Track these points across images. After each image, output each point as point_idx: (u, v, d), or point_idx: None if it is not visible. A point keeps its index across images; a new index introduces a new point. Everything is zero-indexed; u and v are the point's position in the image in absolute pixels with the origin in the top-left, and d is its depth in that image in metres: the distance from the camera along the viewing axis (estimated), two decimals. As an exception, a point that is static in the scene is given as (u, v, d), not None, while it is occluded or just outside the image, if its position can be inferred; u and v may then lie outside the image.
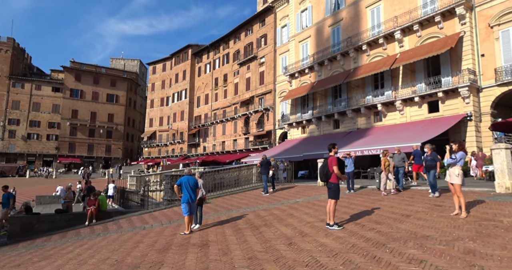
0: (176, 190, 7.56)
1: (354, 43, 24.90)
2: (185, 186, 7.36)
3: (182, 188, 7.38)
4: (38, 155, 55.70)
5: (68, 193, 12.47)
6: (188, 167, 7.76)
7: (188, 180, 7.45)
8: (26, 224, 9.53)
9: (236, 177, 14.26)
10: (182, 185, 7.39)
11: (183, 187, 7.37)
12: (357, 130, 24.74)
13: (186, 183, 7.39)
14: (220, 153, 42.03)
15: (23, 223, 9.52)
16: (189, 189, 7.33)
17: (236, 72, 41.84)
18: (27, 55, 62.75)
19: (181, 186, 7.38)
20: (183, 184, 7.39)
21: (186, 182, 7.41)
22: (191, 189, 7.34)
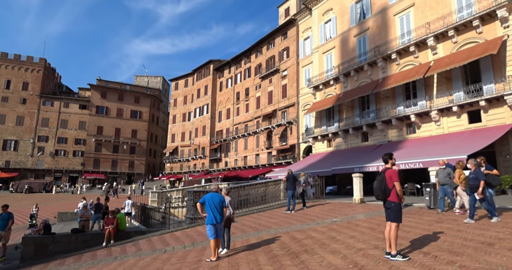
0: (199, 209, 6.61)
1: (382, 52, 23.78)
2: (208, 204, 6.42)
3: (205, 207, 6.48)
4: (64, 171, 56.95)
5: (85, 211, 11.86)
6: (215, 183, 6.80)
7: (212, 197, 6.52)
8: (41, 245, 8.90)
9: (262, 193, 13.23)
10: (205, 203, 6.49)
11: (207, 205, 6.43)
12: (388, 143, 23.21)
13: (209, 200, 6.46)
14: (242, 168, 41.14)
15: (37, 244, 8.89)
16: (213, 208, 6.39)
17: (258, 86, 41.42)
18: (57, 74, 65.60)
19: (206, 204, 6.46)
20: (207, 202, 6.45)
21: (209, 199, 6.47)
22: (215, 208, 6.41)
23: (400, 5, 23.47)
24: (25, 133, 56.11)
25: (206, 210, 6.43)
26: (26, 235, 9.54)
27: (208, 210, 6.39)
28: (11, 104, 55.92)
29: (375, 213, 9.40)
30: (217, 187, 6.91)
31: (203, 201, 6.53)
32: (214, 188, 6.89)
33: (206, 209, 6.43)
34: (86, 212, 11.78)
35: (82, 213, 11.70)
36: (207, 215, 6.39)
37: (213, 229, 6.32)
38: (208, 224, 6.35)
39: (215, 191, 6.72)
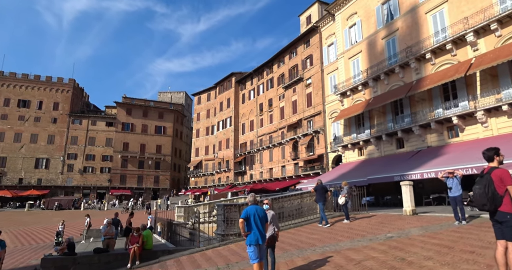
0: (242, 226, 5.36)
1: (415, 52, 22.32)
2: (253, 221, 5.28)
3: (249, 223, 5.31)
4: (92, 187, 57.89)
5: (109, 228, 11.18)
6: (252, 194, 5.61)
7: (257, 211, 5.42)
8: (61, 267, 8.16)
9: (298, 205, 12.04)
10: (249, 218, 5.31)
11: (251, 221, 5.28)
12: (427, 149, 21.39)
13: (254, 215, 5.32)
14: (268, 180, 39.91)
15: (57, 266, 8.17)
16: (259, 225, 5.29)
17: (281, 96, 40.59)
18: (85, 93, 67.99)
19: (249, 220, 5.33)
20: (251, 217, 5.31)
21: (254, 214, 5.34)
22: (261, 225, 5.32)
23: (432, 2, 22.09)
24: (55, 151, 57.87)
25: (249, 227, 5.30)
26: (45, 255, 8.87)
27: (253, 226, 5.25)
28: (43, 124, 58.11)
29: (436, 227, 8.01)
30: (254, 197, 5.81)
31: (246, 216, 5.35)
32: (251, 199, 5.76)
33: (250, 225, 5.30)
34: (110, 229, 11.04)
35: (106, 230, 10.95)
36: (251, 233, 5.24)
37: (257, 251, 5.18)
38: (251, 245, 5.19)
39: (255, 203, 5.66)
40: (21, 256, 14.29)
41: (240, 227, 5.45)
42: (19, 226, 31.27)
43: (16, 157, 56.08)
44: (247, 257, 7.55)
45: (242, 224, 5.37)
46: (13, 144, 56.13)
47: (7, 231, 27.63)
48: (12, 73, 58.83)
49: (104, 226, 11.02)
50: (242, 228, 5.39)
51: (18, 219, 37.04)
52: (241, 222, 5.38)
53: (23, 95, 58.26)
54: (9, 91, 57.70)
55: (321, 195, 11.22)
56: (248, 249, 5.25)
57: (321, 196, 11.18)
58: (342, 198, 10.83)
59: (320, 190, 11.39)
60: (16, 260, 13.02)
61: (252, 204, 5.62)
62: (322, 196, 11.18)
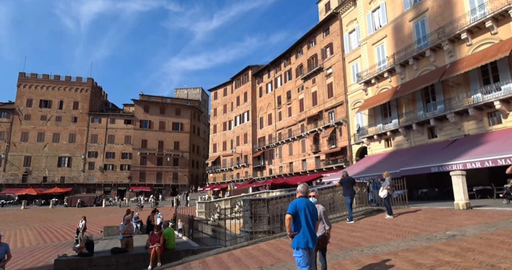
0: (288, 224, 4.19)
1: (448, 33, 20.53)
2: (304, 217, 4.17)
3: (297, 221, 4.19)
4: (113, 184, 58.54)
5: (128, 226, 10.40)
6: (304, 183, 4.46)
7: (307, 205, 4.32)
8: (75, 269, 7.47)
9: (330, 200, 10.94)
10: (298, 214, 4.19)
11: (301, 218, 4.16)
12: (464, 138, 19.68)
13: (305, 210, 4.21)
14: (288, 174, 38.80)
15: (71, 268, 7.47)
16: (310, 223, 4.18)
17: (300, 88, 39.23)
18: (104, 92, 68.71)
19: (297, 216, 4.20)
20: (300, 212, 4.19)
21: (304, 208, 4.22)
22: (312, 223, 4.24)
23: (467, -24, 20.19)
24: (77, 150, 58.79)
25: (298, 225, 4.20)
26: (59, 256, 8.18)
27: (303, 225, 4.14)
28: (64, 123, 59.09)
29: (506, 224, 6.73)
30: (305, 188, 4.64)
31: (294, 211, 4.19)
32: (302, 190, 4.52)
33: (299, 223, 4.19)
34: (129, 227, 10.36)
35: (125, 228, 10.15)
36: (300, 232, 4.14)
37: (307, 256, 4.09)
38: (299, 248, 4.09)
39: (305, 196, 4.57)
40: (42, 253, 13.92)
41: (286, 225, 4.32)
42: (44, 223, 31.61)
43: (40, 156, 57.33)
44: (282, 258, 6.55)
45: (289, 221, 4.15)
46: (36, 143, 57.38)
47: (32, 228, 27.87)
48: (33, 74, 60.02)
49: (122, 223, 10.23)
50: (289, 226, 4.17)
51: (43, 216, 37.62)
52: (289, 218, 4.15)
53: (44, 95, 59.36)
54: (31, 92, 58.91)
55: (348, 188, 10.16)
56: (295, 253, 4.16)
57: (348, 189, 10.12)
58: (383, 191, 9.65)
59: (347, 182, 10.30)
60: (36, 258, 12.60)
61: (302, 196, 4.49)
62: (349, 189, 10.12)
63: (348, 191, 10.15)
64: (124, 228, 9.84)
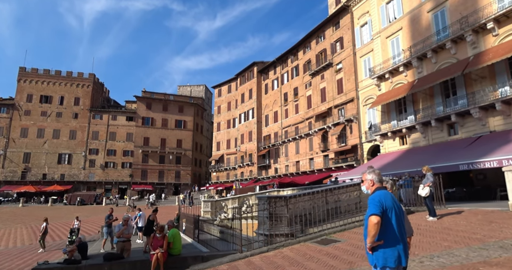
0: (376, 231, 2.77)
1: (472, 23, 19.18)
2: (395, 220, 2.85)
3: (386, 225, 2.84)
4: (114, 182, 57.36)
5: (124, 228, 8.52)
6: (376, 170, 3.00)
7: (394, 202, 2.94)
8: (60, 279, 6.23)
9: (356, 198, 9.66)
10: (386, 215, 2.84)
11: (392, 221, 2.85)
12: (490, 134, 18.32)
13: (392, 210, 2.88)
14: (295, 174, 37.48)
15: (54, 278, 6.22)
16: (402, 229, 2.89)
17: (308, 84, 37.90)
18: (105, 89, 67.58)
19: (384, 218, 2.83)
20: (389, 212, 2.86)
21: (392, 207, 2.88)
22: (404, 228, 2.92)
23: (494, -38, 18.82)
24: (77, 147, 57.65)
25: (385, 232, 2.82)
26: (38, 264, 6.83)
27: (395, 232, 2.82)
28: (65, 119, 57.97)
29: None
30: (380, 176, 3.17)
31: (380, 211, 2.81)
32: (374, 177, 3.13)
33: (386, 230, 2.83)
34: (126, 229, 8.68)
35: (121, 230, 8.49)
36: (385, 243, 2.78)
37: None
38: (387, 267, 2.75)
39: (383, 187, 3.11)
40: (32, 255, 12.70)
41: (371, 232, 2.77)
42: (41, 221, 30.44)
43: (40, 152, 56.23)
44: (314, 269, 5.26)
45: (378, 226, 2.74)
46: (36, 140, 56.28)
47: (28, 227, 26.69)
48: (34, 69, 58.95)
49: (119, 224, 8.74)
50: (375, 234, 2.75)
51: (41, 214, 36.37)
52: (377, 222, 2.74)
53: (45, 91, 58.26)
54: (31, 87, 57.83)
55: None
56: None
57: None
58: (425, 188, 8.35)
59: None
60: (24, 261, 11.37)
61: (380, 187, 3.09)
62: None
63: None
64: (120, 229, 8.43)
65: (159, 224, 7.81)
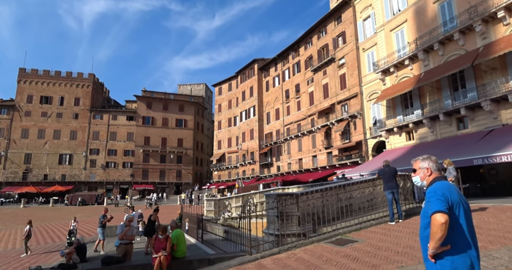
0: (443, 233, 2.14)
1: (482, 12, 18.54)
2: (464, 219, 2.25)
3: (454, 225, 2.22)
4: (115, 182, 56.92)
5: (127, 230, 7.82)
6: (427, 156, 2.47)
7: (461, 197, 2.31)
8: (51, 286, 5.73)
9: (370, 195, 9.10)
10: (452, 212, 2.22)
11: (460, 221, 2.24)
12: (502, 128, 17.71)
13: (459, 205, 2.26)
14: (298, 171, 36.92)
15: (45, 284, 5.73)
16: (472, 230, 2.28)
17: (310, 80, 37.29)
18: (105, 89, 67.08)
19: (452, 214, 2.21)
20: (456, 208, 2.25)
21: (459, 203, 2.26)
22: (473, 228, 2.31)
23: (503, -51, 18.16)
24: (78, 147, 57.22)
25: (453, 234, 2.22)
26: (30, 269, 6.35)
27: (465, 233, 2.27)
28: (65, 120, 57.53)
29: None
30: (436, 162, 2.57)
31: (447, 207, 2.22)
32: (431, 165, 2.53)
33: (455, 231, 2.23)
34: (129, 230, 7.95)
35: (124, 232, 7.73)
36: (456, 247, 2.21)
37: None
38: None
39: (443, 176, 2.49)
40: (30, 258, 12.20)
41: (436, 234, 2.18)
42: (42, 221, 30.05)
43: (41, 153, 55.83)
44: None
45: (446, 225, 2.15)
46: (37, 141, 55.88)
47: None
48: (34, 70, 58.50)
49: (122, 224, 8.07)
50: (443, 235, 2.17)
51: (42, 215, 36.07)
52: (444, 222, 2.15)
53: (45, 91, 57.81)
54: (31, 88, 57.40)
55: (388, 180, 8.32)
56: None
57: (389, 182, 8.28)
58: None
59: (387, 173, 8.44)
60: (21, 264, 10.86)
61: (439, 177, 2.48)
62: (390, 182, 8.29)
63: (389, 185, 8.30)
64: (123, 231, 7.80)
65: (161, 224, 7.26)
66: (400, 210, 8.25)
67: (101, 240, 11.89)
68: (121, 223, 8.03)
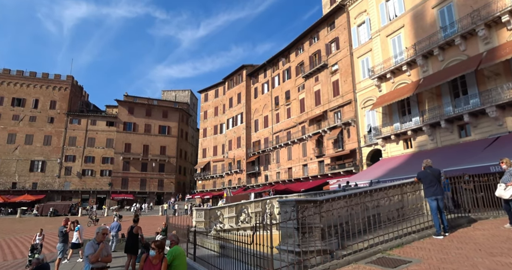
0: None
1: (485, 16, 18.07)
2: None
3: None
4: (92, 191, 53.43)
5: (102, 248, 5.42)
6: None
7: None
8: None
9: (399, 203, 7.70)
10: None
11: None
12: (509, 135, 16.98)
13: None
14: (287, 181, 35.44)
15: None
16: None
17: (301, 87, 36.34)
18: (85, 92, 63.96)
19: None
20: None
21: None
22: None
23: (506, -47, 17.89)
24: (52, 153, 53.61)
25: None
26: None
27: None
28: (39, 124, 53.98)
29: None
30: None
31: None
32: None
33: None
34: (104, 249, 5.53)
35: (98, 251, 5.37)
36: None
37: None
38: None
39: None
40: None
41: None
42: (6, 234, 26.96)
43: (10, 159, 51.84)
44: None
45: None
46: (6, 146, 51.93)
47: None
48: (6, 70, 54.95)
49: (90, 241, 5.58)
50: None
51: (8, 227, 32.65)
52: None
53: (17, 93, 54.26)
54: (2, 89, 53.74)
55: (432, 184, 7.03)
56: None
57: (432, 186, 7.00)
58: (509, 189, 6.53)
59: (430, 176, 7.16)
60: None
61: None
62: (433, 186, 7.00)
63: (432, 190, 6.97)
64: (95, 251, 5.33)
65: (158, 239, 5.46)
66: (445, 220, 6.89)
67: (60, 259, 9.87)
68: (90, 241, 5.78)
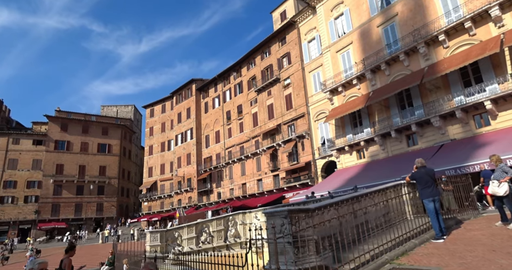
0: None
1: (424, 35, 19.74)
2: None
3: None
4: (12, 222, 45.78)
5: None
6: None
7: None
8: None
9: (385, 208, 7.24)
10: None
11: None
12: (451, 142, 18.33)
13: None
14: (242, 197, 34.31)
15: None
16: None
17: (253, 101, 36.16)
18: (5, 107, 56.08)
19: None
20: None
21: None
22: None
23: (439, -20, 20.00)
24: (-39, 178, 45.19)
25: None
26: None
27: None
28: None
29: None
30: None
31: None
32: None
33: None
34: None
35: None
36: None
37: None
38: None
39: None
40: None
41: None
42: None
43: None
44: None
45: None
46: None
47: None
48: None
49: None
50: None
51: None
52: None
53: None
54: None
55: (427, 185, 6.74)
56: None
57: (428, 187, 6.71)
58: (503, 185, 6.37)
59: (425, 176, 6.89)
60: None
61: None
62: (429, 187, 6.72)
63: (428, 191, 6.63)
64: None
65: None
66: (442, 223, 6.53)
67: None
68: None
